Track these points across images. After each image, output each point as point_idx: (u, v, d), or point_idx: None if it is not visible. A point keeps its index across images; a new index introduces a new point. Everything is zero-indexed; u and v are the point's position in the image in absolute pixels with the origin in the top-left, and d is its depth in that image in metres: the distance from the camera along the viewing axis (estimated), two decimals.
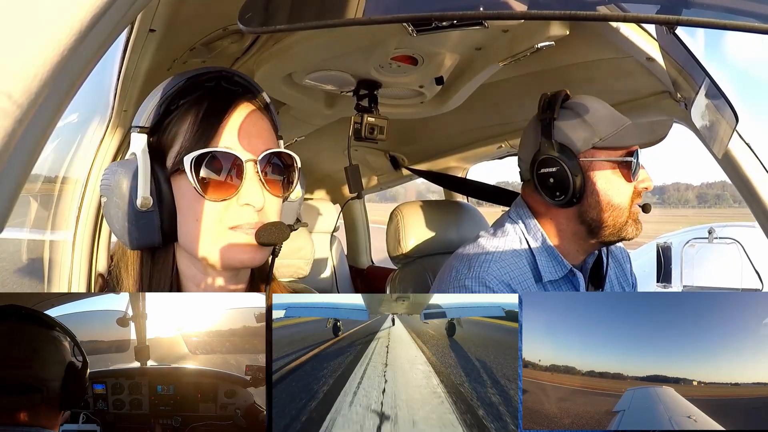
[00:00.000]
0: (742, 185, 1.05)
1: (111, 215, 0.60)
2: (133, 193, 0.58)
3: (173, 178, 0.60)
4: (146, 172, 0.59)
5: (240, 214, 0.60)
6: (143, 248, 0.63)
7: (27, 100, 0.28)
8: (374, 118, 1.25)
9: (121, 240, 0.62)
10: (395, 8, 0.38)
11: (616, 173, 0.97)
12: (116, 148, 1.24)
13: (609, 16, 0.43)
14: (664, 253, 1.36)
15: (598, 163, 0.96)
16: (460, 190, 1.89)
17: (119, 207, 0.59)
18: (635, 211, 0.99)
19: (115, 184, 0.59)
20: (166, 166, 0.60)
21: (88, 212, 1.26)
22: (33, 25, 0.29)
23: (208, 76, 0.63)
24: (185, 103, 0.61)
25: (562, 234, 1.02)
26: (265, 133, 0.64)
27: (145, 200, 0.58)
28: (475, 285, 0.95)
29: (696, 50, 0.83)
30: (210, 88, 0.63)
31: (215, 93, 0.62)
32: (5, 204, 0.30)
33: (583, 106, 0.99)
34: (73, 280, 1.27)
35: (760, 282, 1.20)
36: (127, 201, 0.59)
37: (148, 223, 0.60)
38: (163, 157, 0.61)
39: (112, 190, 0.59)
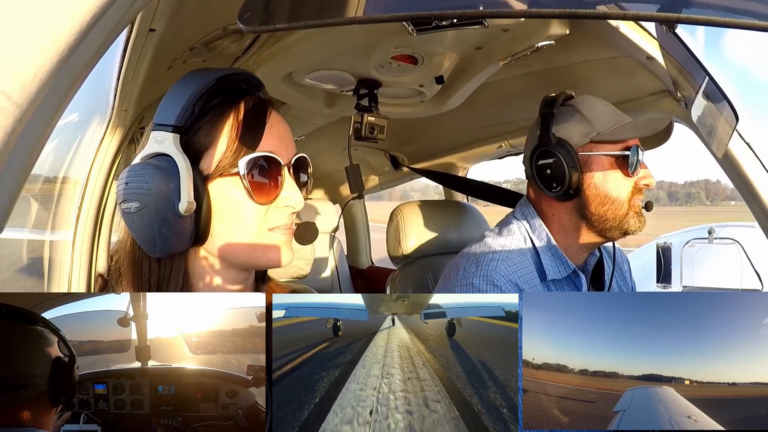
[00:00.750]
0: (742, 185, 1.05)
1: (144, 222, 0.56)
2: (175, 197, 0.55)
3: (212, 181, 0.59)
4: (189, 175, 0.56)
5: (279, 216, 0.62)
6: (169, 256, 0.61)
7: (27, 99, 0.28)
8: (374, 118, 1.25)
9: (148, 247, 0.59)
10: (395, 7, 0.38)
11: (614, 167, 0.98)
12: (116, 147, 1.24)
13: (609, 14, 0.43)
14: (663, 253, 1.36)
15: (596, 157, 0.98)
16: (460, 189, 1.89)
17: (158, 212, 0.56)
18: (636, 205, 0.99)
19: (155, 188, 0.55)
20: (201, 168, 0.59)
21: (88, 212, 1.26)
22: (33, 25, 0.29)
23: (233, 78, 0.62)
24: (218, 105, 0.60)
25: (566, 231, 1.02)
26: (291, 137, 0.66)
27: (190, 205, 0.56)
28: (483, 284, 0.95)
29: (696, 49, 0.83)
30: (236, 90, 0.62)
31: (245, 96, 0.62)
32: (5, 204, 0.30)
33: (583, 103, 1.01)
34: (73, 280, 1.27)
35: (760, 282, 1.20)
36: (169, 206, 0.55)
37: (185, 229, 0.57)
38: (197, 159, 0.59)
39: (150, 195, 0.55)
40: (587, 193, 0.99)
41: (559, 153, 0.98)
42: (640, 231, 1.01)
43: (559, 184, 0.98)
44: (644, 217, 1.00)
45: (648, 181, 0.99)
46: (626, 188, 0.98)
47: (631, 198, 0.98)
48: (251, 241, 0.61)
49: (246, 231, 0.60)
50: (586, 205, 0.99)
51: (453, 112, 1.42)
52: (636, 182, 0.99)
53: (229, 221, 0.60)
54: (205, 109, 0.59)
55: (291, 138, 0.65)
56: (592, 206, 0.99)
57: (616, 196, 0.98)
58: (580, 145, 0.98)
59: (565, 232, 1.03)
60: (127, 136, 1.25)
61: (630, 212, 0.98)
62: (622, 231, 1.00)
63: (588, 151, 0.98)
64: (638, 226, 1.00)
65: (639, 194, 0.99)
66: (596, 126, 0.97)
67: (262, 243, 0.61)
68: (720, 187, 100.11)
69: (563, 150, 0.98)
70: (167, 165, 0.56)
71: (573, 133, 0.99)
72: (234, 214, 0.60)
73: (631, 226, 0.99)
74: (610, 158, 0.98)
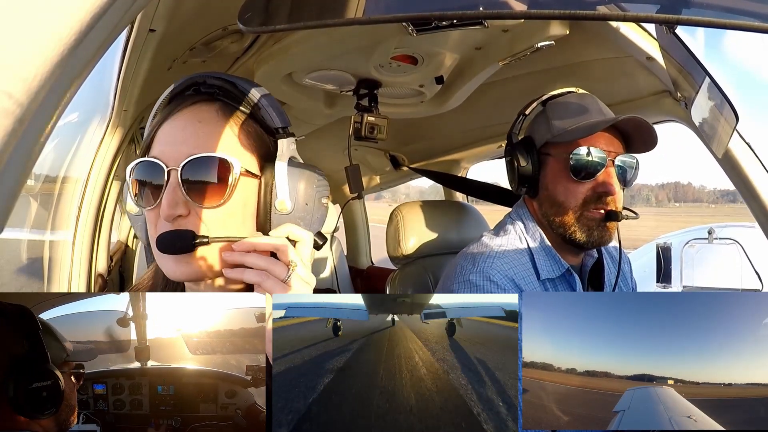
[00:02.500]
0: (742, 185, 1.05)
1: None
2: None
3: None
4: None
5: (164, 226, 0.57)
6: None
7: (27, 99, 0.28)
8: (374, 118, 1.25)
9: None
10: (395, 8, 0.38)
11: (564, 171, 0.95)
12: (116, 147, 1.24)
13: (609, 15, 0.43)
14: (663, 253, 1.36)
15: (549, 159, 0.99)
16: (460, 189, 1.89)
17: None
18: (590, 215, 0.94)
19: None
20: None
21: (88, 212, 1.26)
22: (33, 24, 0.29)
23: (183, 85, 0.62)
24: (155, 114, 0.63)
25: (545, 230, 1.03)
26: (197, 139, 0.58)
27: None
28: (480, 279, 0.95)
29: (696, 49, 0.83)
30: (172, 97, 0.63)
31: (171, 102, 0.63)
32: (5, 204, 0.30)
33: (559, 103, 1.01)
34: (73, 280, 1.27)
35: (760, 282, 1.20)
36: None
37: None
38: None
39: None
40: (540, 194, 1.00)
41: (517, 151, 1.00)
42: (595, 244, 0.95)
43: (512, 180, 1.02)
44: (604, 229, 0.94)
45: (605, 188, 0.92)
46: (575, 193, 0.94)
47: (584, 205, 0.94)
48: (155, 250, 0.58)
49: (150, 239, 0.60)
50: (541, 206, 1.01)
51: (453, 112, 1.42)
52: (592, 188, 0.94)
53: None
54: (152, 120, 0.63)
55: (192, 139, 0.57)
56: (544, 207, 1.00)
57: (563, 200, 0.95)
58: (538, 145, 1.00)
59: (547, 231, 1.02)
60: (127, 136, 1.26)
61: (579, 222, 0.94)
62: (570, 238, 0.95)
63: (546, 152, 0.99)
64: (588, 239, 0.94)
65: (598, 202, 0.93)
66: (554, 127, 0.98)
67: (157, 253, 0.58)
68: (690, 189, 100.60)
69: (524, 149, 1.00)
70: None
71: (535, 133, 1.02)
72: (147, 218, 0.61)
73: (577, 236, 0.94)
74: (560, 161, 0.96)
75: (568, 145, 0.95)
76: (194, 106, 0.60)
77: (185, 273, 0.57)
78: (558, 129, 0.97)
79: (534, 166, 0.99)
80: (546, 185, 0.99)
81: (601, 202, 0.94)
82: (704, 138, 1.01)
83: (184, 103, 0.60)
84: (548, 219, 1.00)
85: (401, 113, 1.46)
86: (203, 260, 0.57)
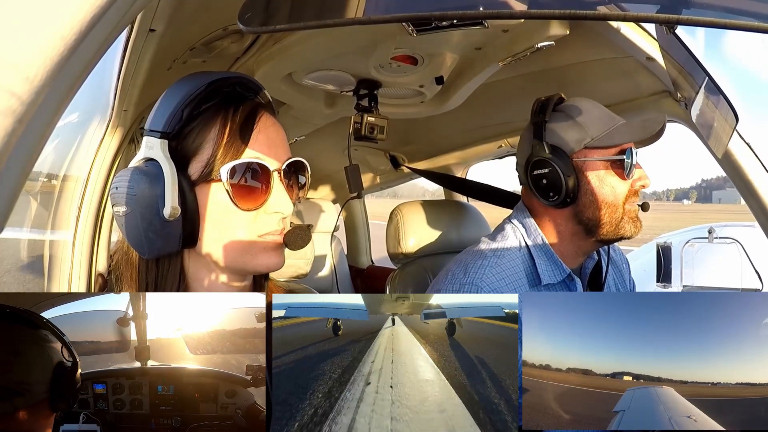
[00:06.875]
0: (742, 185, 1.05)
1: (131, 225, 0.58)
2: (159, 202, 0.57)
3: (199, 186, 0.60)
4: (174, 181, 0.57)
5: (269, 222, 0.62)
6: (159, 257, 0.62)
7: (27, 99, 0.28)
8: (374, 118, 1.25)
9: (138, 249, 0.60)
10: (395, 8, 0.38)
11: (609, 172, 0.98)
12: (116, 147, 1.24)
13: (609, 15, 0.43)
14: (663, 252, 1.36)
15: (591, 163, 0.98)
16: (459, 190, 1.89)
17: (143, 217, 0.57)
18: (631, 209, 0.99)
19: (140, 193, 0.57)
20: (189, 173, 0.59)
21: (88, 212, 1.26)
22: (34, 24, 0.29)
23: (226, 82, 0.62)
24: (207, 110, 0.60)
25: (561, 235, 1.02)
26: (285, 141, 0.65)
27: (174, 210, 0.57)
28: (469, 291, 0.96)
29: (696, 49, 0.83)
30: (229, 95, 0.62)
31: (237, 100, 0.62)
32: (5, 204, 0.30)
33: (575, 107, 1.00)
34: (73, 280, 1.27)
35: (760, 282, 1.20)
36: (154, 211, 0.57)
37: (172, 233, 0.58)
38: (185, 164, 0.60)
39: (136, 200, 0.57)
40: (583, 199, 0.98)
41: (554, 162, 0.97)
42: (636, 235, 1.00)
43: (556, 193, 0.98)
44: (640, 221, 1.00)
45: (644, 182, 0.99)
46: (622, 192, 0.98)
47: (626, 201, 0.98)
48: (241, 246, 0.61)
49: (235, 236, 0.60)
50: (582, 212, 0.99)
51: (453, 112, 1.42)
52: (632, 184, 0.98)
53: (219, 226, 0.60)
54: (195, 114, 0.60)
55: (283, 142, 0.64)
56: (589, 212, 0.98)
57: (612, 200, 0.97)
58: (574, 151, 0.97)
59: (561, 238, 1.02)
60: (127, 136, 1.26)
61: (624, 217, 0.98)
62: (617, 236, 0.99)
63: (582, 157, 0.98)
64: (633, 232, 0.99)
65: (634, 196, 0.99)
66: (590, 131, 0.97)
67: (252, 248, 0.61)
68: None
69: (558, 158, 0.97)
70: (154, 170, 0.57)
71: (567, 139, 0.98)
72: (222, 220, 0.60)
73: (626, 231, 0.98)
74: (605, 163, 0.97)
75: (609, 146, 0.97)
76: (263, 108, 0.64)
77: (284, 262, 0.64)
78: (596, 131, 0.97)
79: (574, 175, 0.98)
80: (590, 190, 0.98)
81: (637, 195, 0.99)
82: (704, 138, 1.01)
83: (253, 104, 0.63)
84: (593, 222, 0.98)
85: (401, 113, 1.46)
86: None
